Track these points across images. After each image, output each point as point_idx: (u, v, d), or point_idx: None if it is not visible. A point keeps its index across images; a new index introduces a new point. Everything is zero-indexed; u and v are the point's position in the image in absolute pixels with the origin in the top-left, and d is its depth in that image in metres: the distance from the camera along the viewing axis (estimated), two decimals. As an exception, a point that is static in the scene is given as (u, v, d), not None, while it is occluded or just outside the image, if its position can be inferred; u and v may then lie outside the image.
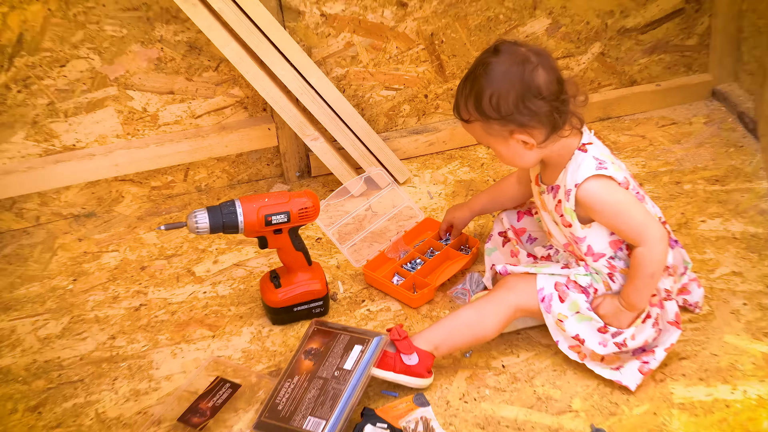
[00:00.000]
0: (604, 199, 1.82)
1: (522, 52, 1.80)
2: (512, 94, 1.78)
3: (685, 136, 2.68)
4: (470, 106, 1.82)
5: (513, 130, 1.80)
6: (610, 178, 1.81)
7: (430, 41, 2.60)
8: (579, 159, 1.84)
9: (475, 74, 1.82)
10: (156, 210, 2.56)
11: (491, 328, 1.90)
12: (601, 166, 1.82)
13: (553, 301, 1.89)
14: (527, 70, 1.77)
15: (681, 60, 2.82)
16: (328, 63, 2.55)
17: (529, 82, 1.77)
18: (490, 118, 1.80)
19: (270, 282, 2.09)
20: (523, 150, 1.84)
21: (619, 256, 1.89)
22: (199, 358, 2.03)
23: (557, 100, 1.79)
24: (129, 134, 2.51)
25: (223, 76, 2.51)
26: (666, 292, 1.89)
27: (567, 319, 1.88)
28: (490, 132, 1.83)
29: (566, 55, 2.71)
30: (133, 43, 2.39)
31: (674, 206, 2.36)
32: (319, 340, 1.95)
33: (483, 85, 1.79)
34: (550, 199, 1.93)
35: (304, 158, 2.65)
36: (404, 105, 2.68)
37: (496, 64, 1.79)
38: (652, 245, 1.81)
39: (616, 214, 1.82)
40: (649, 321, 1.86)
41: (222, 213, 1.93)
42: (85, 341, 2.10)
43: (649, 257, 1.81)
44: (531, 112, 1.78)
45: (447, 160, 2.68)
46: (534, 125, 1.80)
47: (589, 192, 1.82)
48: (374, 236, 2.36)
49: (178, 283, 2.27)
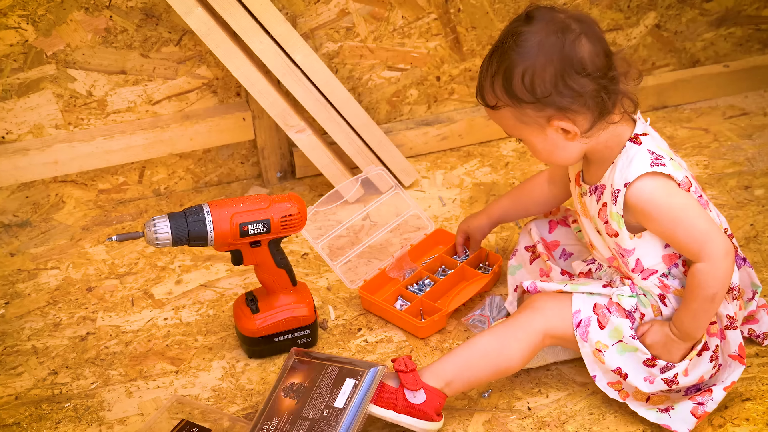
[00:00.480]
0: (660, 203, 1.94)
1: (560, 18, 1.91)
2: (550, 71, 1.89)
3: (758, 130, 2.85)
4: (498, 88, 1.94)
5: (551, 116, 1.92)
6: (668, 176, 1.94)
7: (444, 9, 2.75)
8: (631, 153, 1.96)
9: (503, 48, 1.93)
10: (105, 218, 2.73)
11: (515, 359, 2.04)
12: (657, 161, 1.94)
13: (591, 326, 2.03)
14: (568, 41, 1.89)
15: (755, 35, 2.98)
16: (318, 36, 2.71)
17: (571, 55, 1.89)
18: (522, 102, 1.92)
19: (246, 306, 2.25)
20: (563, 141, 1.96)
21: (674, 274, 2.03)
22: (159, 397, 2.20)
23: (605, 78, 1.91)
24: (71, 124, 2.66)
25: (187, 51, 2.66)
26: (729, 320, 2.02)
27: (607, 350, 2.02)
28: (522, 120, 1.95)
29: (613, 27, 2.87)
30: (75, 9, 2.53)
31: (742, 216, 2.53)
32: (302, 373, 2.09)
33: (514, 60, 1.91)
34: (593, 202, 2.05)
35: (286, 155, 2.81)
36: (411, 89, 2.85)
37: (529, 34, 1.90)
38: (715, 261, 1.93)
39: (673, 221, 1.94)
40: (707, 354, 2.02)
41: (187, 221, 2.07)
42: (20, 377, 2.27)
43: (712, 275, 1.94)
44: (573, 92, 1.89)
45: (463, 159, 2.85)
46: (577, 109, 1.91)
47: (642, 193, 1.94)
48: (373, 251, 2.53)
49: (133, 307, 2.45)
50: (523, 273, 2.32)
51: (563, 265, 2.28)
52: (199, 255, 2.57)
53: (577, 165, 2.11)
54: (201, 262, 2.55)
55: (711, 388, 2.02)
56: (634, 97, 1.97)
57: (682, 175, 1.96)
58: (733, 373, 2.03)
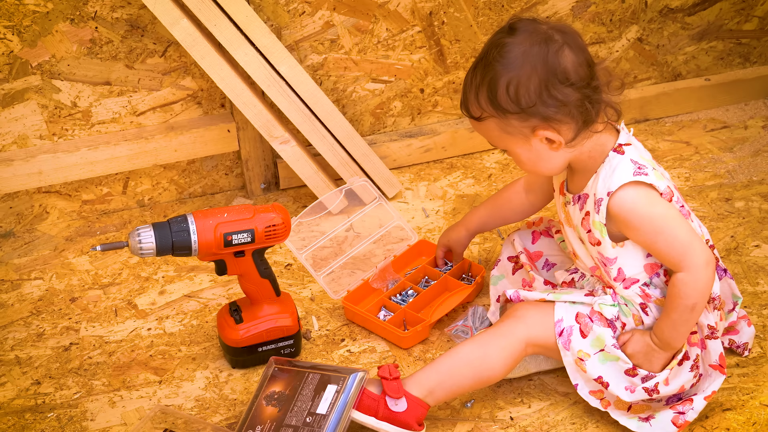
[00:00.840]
0: (642, 212, 1.96)
1: (543, 29, 1.95)
2: (534, 81, 1.92)
3: (738, 143, 2.88)
4: (482, 99, 1.97)
5: (536, 126, 1.95)
6: (650, 186, 1.97)
7: (429, 22, 2.78)
8: (614, 162, 1.99)
9: (487, 59, 1.96)
10: (88, 229, 2.74)
11: (497, 368, 2.06)
12: (640, 171, 1.96)
13: (573, 335, 2.05)
14: (551, 51, 1.92)
15: (737, 49, 3.02)
16: (302, 48, 2.73)
17: (554, 65, 1.92)
18: (507, 112, 1.95)
19: (229, 316, 2.27)
20: (548, 152, 1.99)
21: (655, 283, 2.06)
22: (143, 407, 2.21)
23: (588, 87, 1.94)
24: (55, 135, 2.68)
25: (172, 63, 2.68)
26: (710, 329, 2.05)
27: (589, 359, 2.04)
28: (507, 130, 1.98)
29: (596, 41, 2.90)
30: (61, 20, 2.55)
31: (722, 228, 2.56)
32: (282, 381, 2.11)
33: (498, 71, 1.93)
34: (576, 210, 2.08)
35: (270, 166, 2.83)
36: (395, 101, 2.87)
37: (513, 45, 1.93)
38: (695, 271, 1.96)
39: (655, 231, 1.97)
40: (687, 363, 2.04)
41: (171, 231, 2.09)
42: (3, 387, 2.28)
43: (692, 285, 1.96)
44: (558, 102, 1.92)
45: (447, 170, 2.88)
46: (561, 119, 1.94)
47: (624, 202, 1.96)
48: (356, 262, 2.55)
49: (116, 317, 2.46)
50: (506, 283, 2.34)
51: (546, 275, 2.30)
52: (182, 266, 2.58)
53: (561, 174, 2.13)
54: (185, 272, 2.56)
55: (692, 397, 2.05)
56: (617, 106, 2.00)
57: (664, 185, 1.98)
58: (714, 383, 2.05)
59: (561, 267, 2.30)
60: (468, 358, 2.06)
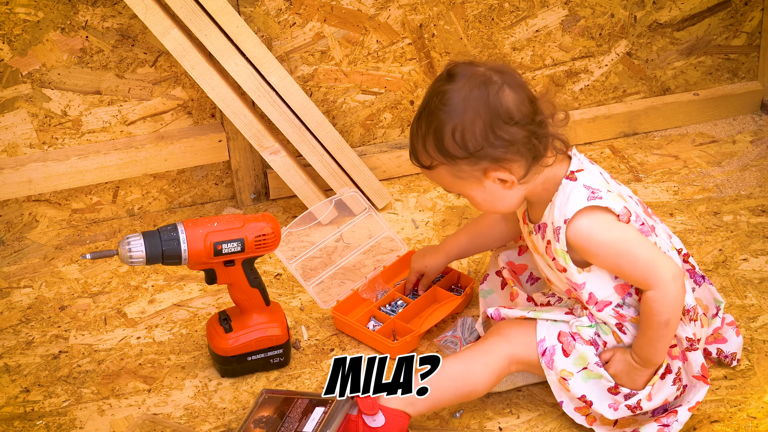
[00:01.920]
0: (599, 239, 1.98)
1: (481, 72, 1.96)
2: (479, 124, 1.93)
3: (726, 157, 2.90)
4: (430, 148, 1.98)
5: (487, 168, 1.96)
6: (605, 209, 1.98)
7: (419, 34, 2.80)
8: (567, 190, 2.00)
9: (429, 108, 1.97)
10: (78, 238, 2.75)
11: (480, 384, 2.07)
12: (594, 195, 1.98)
13: (556, 355, 2.07)
14: (491, 93, 1.94)
15: (725, 64, 3.05)
16: (293, 59, 2.74)
17: (497, 105, 1.93)
18: (456, 158, 1.96)
19: (219, 325, 2.27)
20: (502, 191, 2.00)
21: (629, 303, 2.06)
22: (132, 415, 2.21)
23: (533, 123, 1.95)
24: (45, 143, 2.69)
25: (163, 72, 2.70)
26: (689, 341, 2.05)
27: (572, 377, 2.06)
28: (459, 176, 1.99)
29: (585, 55, 2.92)
30: (51, 30, 2.56)
31: (711, 241, 2.58)
32: (272, 407, 2.12)
33: (442, 119, 1.95)
34: (539, 239, 2.09)
35: (261, 176, 2.84)
36: (385, 113, 2.88)
37: (453, 92, 1.95)
38: (663, 287, 1.97)
39: (615, 255, 1.98)
40: (669, 377, 2.05)
41: (161, 239, 2.10)
42: (-8, 394, 2.29)
43: (662, 302, 1.97)
44: (505, 141, 1.94)
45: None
46: (511, 158, 1.95)
47: (581, 231, 1.97)
48: (346, 272, 2.55)
49: (105, 326, 2.46)
50: (495, 297, 2.35)
51: (530, 290, 2.31)
52: (172, 275, 2.59)
53: (522, 205, 2.15)
54: (174, 281, 2.57)
55: (676, 409, 2.06)
56: (563, 137, 2.01)
57: (620, 206, 1.99)
58: (698, 394, 2.06)
59: (544, 284, 2.30)
60: (451, 372, 2.07)
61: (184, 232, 2.12)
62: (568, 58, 2.90)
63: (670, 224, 2.61)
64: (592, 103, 2.98)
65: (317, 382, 2.26)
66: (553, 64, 2.90)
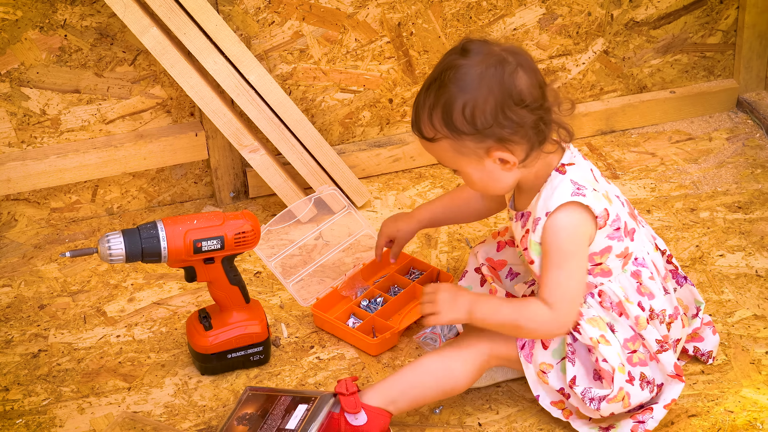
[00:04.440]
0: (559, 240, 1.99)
1: (496, 51, 1.97)
2: (491, 103, 1.93)
3: (703, 155, 2.92)
4: (437, 121, 1.98)
5: (490, 147, 1.97)
6: (586, 208, 1.99)
7: (397, 33, 2.81)
8: (555, 182, 2.02)
9: (441, 80, 1.97)
10: (57, 237, 2.74)
11: (461, 380, 2.08)
12: (579, 191, 1.99)
13: (536, 348, 2.08)
14: (506, 73, 1.94)
15: (701, 62, 3.06)
16: (272, 57, 2.74)
17: (510, 87, 1.94)
18: (462, 134, 1.96)
19: (199, 323, 2.27)
20: (500, 171, 2.01)
21: (590, 303, 2.07)
22: (112, 413, 2.21)
23: (541, 108, 1.97)
24: (24, 142, 2.68)
25: (142, 71, 2.69)
26: (658, 343, 2.07)
27: (552, 370, 2.07)
28: (461, 151, 1.99)
29: (562, 53, 2.93)
30: (30, 28, 2.56)
31: (688, 237, 2.59)
32: (255, 404, 2.12)
33: (454, 92, 1.95)
34: (518, 228, 2.11)
35: (240, 175, 2.83)
36: (364, 111, 2.89)
37: (468, 67, 1.95)
38: (549, 314, 1.99)
39: (556, 261, 1.99)
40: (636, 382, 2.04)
41: (141, 237, 2.10)
42: (-29, 393, 2.28)
43: (539, 320, 2.00)
44: (513, 123, 1.94)
45: (415, 180, 2.89)
46: (516, 140, 1.96)
47: (555, 225, 1.99)
48: (325, 270, 2.56)
49: (85, 324, 2.46)
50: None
51: (509, 285, 2.31)
52: (152, 273, 2.58)
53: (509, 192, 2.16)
54: (154, 280, 2.57)
55: (652, 406, 2.07)
56: (568, 126, 2.03)
57: (600, 207, 2.00)
58: (673, 391, 2.08)
59: (524, 277, 2.30)
60: (431, 369, 2.08)
61: (164, 229, 2.12)
62: (546, 56, 2.91)
63: (648, 221, 2.63)
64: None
65: (297, 380, 2.27)
66: (530, 63, 2.91)
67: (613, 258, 2.04)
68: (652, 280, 2.08)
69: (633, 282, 2.07)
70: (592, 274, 2.05)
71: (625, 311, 2.05)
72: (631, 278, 2.07)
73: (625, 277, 2.07)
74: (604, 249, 2.03)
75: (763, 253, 2.52)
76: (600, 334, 2.03)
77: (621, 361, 2.03)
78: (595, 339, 2.02)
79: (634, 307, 2.05)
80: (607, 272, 2.06)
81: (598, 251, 2.03)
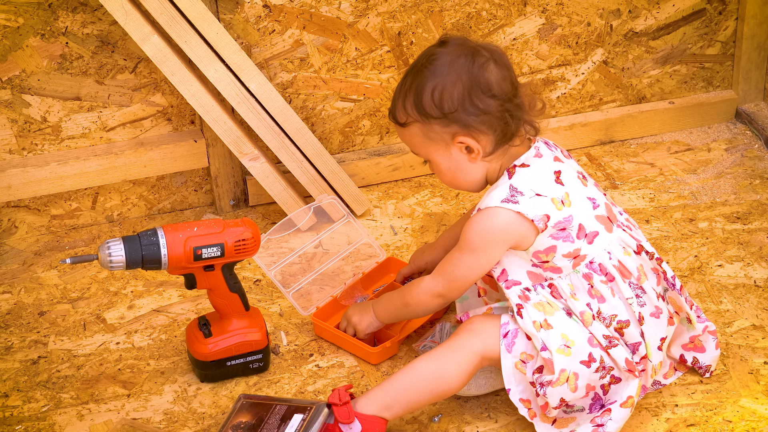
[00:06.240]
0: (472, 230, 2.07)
1: (472, 44, 2.07)
2: (458, 88, 2.02)
3: (702, 165, 2.93)
4: (408, 104, 2.06)
5: (456, 133, 2.04)
6: (517, 213, 2.02)
7: (397, 42, 2.82)
8: (499, 183, 2.08)
9: (417, 67, 2.07)
10: (57, 244, 2.75)
11: (453, 381, 2.08)
12: (512, 198, 2.03)
13: (518, 337, 2.08)
14: (477, 63, 2.03)
15: (700, 73, 3.07)
16: (272, 66, 2.75)
17: (478, 75, 2.03)
18: (430, 117, 2.04)
19: (198, 330, 2.28)
20: (466, 162, 2.07)
21: (539, 291, 2.09)
22: (111, 420, 2.21)
23: (510, 102, 2.04)
24: (24, 149, 2.68)
25: (142, 79, 2.70)
26: (606, 339, 2.07)
27: (531, 360, 2.07)
28: (429, 136, 2.06)
29: (562, 63, 2.94)
30: (31, 35, 2.57)
31: (686, 247, 2.60)
32: (250, 413, 2.13)
33: (425, 77, 2.04)
34: None
35: (240, 183, 2.84)
36: (364, 120, 2.89)
37: (442, 55, 2.05)
38: (434, 283, 2.15)
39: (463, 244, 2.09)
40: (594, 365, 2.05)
41: (141, 244, 2.11)
42: (-30, 399, 2.29)
43: (424, 288, 2.16)
44: (479, 110, 2.02)
45: (415, 189, 2.90)
46: (481, 128, 2.03)
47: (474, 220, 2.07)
48: (324, 278, 2.56)
49: (85, 331, 2.46)
50: (471, 303, 2.35)
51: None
52: (151, 280, 2.59)
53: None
54: (154, 287, 2.57)
55: (609, 407, 2.08)
56: (536, 124, 2.09)
57: (538, 213, 2.03)
58: (629, 387, 2.09)
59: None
60: (424, 373, 2.08)
61: (164, 236, 2.13)
62: (545, 66, 2.92)
63: (646, 231, 2.63)
64: (568, 111, 3.00)
65: (296, 387, 2.27)
66: (530, 72, 2.92)
67: (560, 257, 2.07)
68: (606, 284, 2.09)
69: (584, 283, 2.09)
70: (542, 269, 2.09)
71: (570, 308, 2.08)
72: (583, 279, 2.09)
73: (577, 277, 2.09)
74: (548, 248, 2.07)
75: (761, 264, 2.52)
76: (544, 318, 2.06)
77: (566, 342, 2.05)
78: (538, 323, 2.05)
79: (580, 304, 2.08)
80: (557, 269, 2.09)
81: (543, 250, 2.07)
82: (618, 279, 2.09)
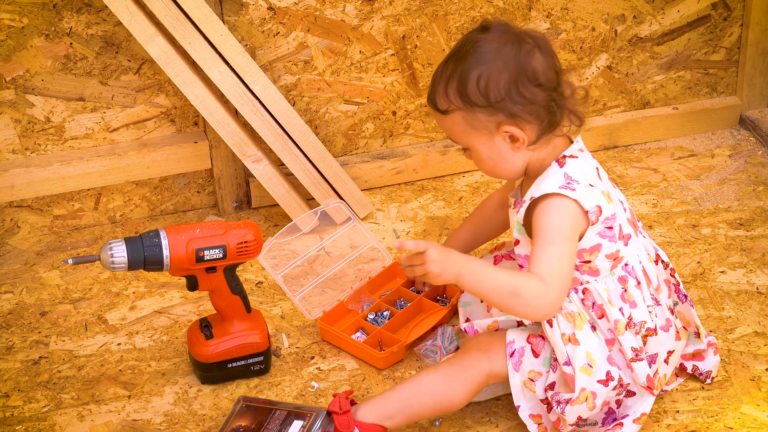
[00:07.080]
0: (552, 218, 1.97)
1: (516, 30, 2.01)
2: (505, 76, 1.97)
3: (705, 171, 2.93)
4: (451, 91, 2.00)
5: (501, 122, 1.99)
6: (574, 201, 1.99)
7: (402, 45, 2.82)
8: (550, 172, 2.03)
9: (460, 53, 2.01)
10: (59, 244, 2.75)
11: (458, 399, 2.08)
12: (568, 185, 1.99)
13: (525, 356, 2.07)
14: (523, 51, 1.98)
15: (704, 79, 3.07)
16: (276, 68, 2.75)
17: (525, 64, 1.97)
18: (475, 105, 1.99)
19: (200, 332, 2.28)
20: (509, 151, 2.03)
21: (572, 298, 2.06)
22: (111, 421, 2.21)
23: (555, 91, 2.00)
24: (28, 149, 2.69)
25: (146, 80, 2.70)
26: (633, 351, 2.05)
27: (540, 378, 2.06)
28: (473, 125, 2.01)
29: (566, 68, 2.91)
30: (36, 36, 2.57)
31: (689, 253, 2.60)
32: (249, 417, 2.12)
33: (470, 64, 1.98)
34: (513, 215, 2.11)
35: (243, 185, 2.84)
36: (367, 123, 2.89)
37: (486, 42, 1.99)
38: (541, 286, 1.93)
39: (551, 236, 1.96)
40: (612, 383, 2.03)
41: (143, 245, 2.11)
42: (-29, 399, 2.29)
43: (532, 291, 1.94)
44: (525, 99, 1.97)
45: (417, 192, 2.90)
46: (527, 117, 1.99)
47: (548, 207, 1.98)
48: (327, 282, 2.56)
49: (86, 332, 2.46)
50: (474, 308, 2.35)
51: None
52: (153, 282, 2.59)
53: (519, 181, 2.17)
54: (155, 288, 2.57)
55: (621, 421, 2.07)
56: (580, 114, 2.06)
57: (592, 203, 2.00)
58: (644, 404, 2.08)
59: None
60: (429, 388, 2.08)
61: (167, 238, 2.13)
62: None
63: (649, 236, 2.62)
64: (572, 115, 3.00)
65: (297, 390, 2.27)
66: (534, 77, 2.92)
67: (603, 258, 2.04)
68: (638, 288, 2.07)
69: (618, 287, 2.06)
70: (579, 271, 2.05)
71: (606, 314, 2.05)
72: (618, 282, 2.06)
73: (612, 280, 2.06)
74: (594, 246, 2.03)
75: (764, 270, 2.52)
76: (572, 332, 2.03)
77: (588, 362, 2.02)
78: (567, 336, 2.03)
79: (615, 311, 2.05)
80: (595, 271, 2.05)
81: (588, 248, 2.03)
82: (644, 284, 2.08)
